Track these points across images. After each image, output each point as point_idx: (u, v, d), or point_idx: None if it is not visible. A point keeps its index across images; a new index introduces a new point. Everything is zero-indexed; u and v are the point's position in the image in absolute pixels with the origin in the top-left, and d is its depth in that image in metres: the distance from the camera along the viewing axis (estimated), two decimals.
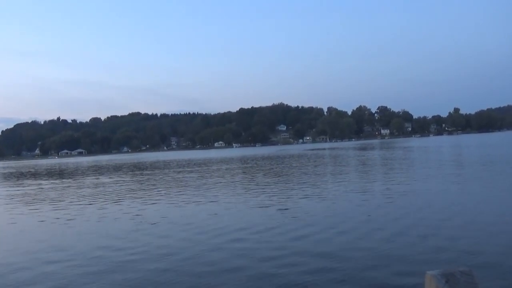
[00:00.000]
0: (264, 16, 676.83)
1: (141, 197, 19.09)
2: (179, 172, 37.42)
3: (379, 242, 8.71)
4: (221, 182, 24.54)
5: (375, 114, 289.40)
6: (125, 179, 32.43)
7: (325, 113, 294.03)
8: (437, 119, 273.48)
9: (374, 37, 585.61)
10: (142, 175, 35.86)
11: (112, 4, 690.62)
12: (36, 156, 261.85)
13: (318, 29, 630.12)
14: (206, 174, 32.17)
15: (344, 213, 12.33)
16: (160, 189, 22.44)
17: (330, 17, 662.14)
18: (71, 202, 18.86)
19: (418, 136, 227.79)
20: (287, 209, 13.51)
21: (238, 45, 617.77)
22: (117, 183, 28.16)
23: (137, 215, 14.04)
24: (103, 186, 26.32)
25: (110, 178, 34.89)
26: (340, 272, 6.95)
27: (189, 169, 40.46)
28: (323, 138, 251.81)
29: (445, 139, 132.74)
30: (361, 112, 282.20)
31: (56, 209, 16.55)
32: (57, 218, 14.29)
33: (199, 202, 16.27)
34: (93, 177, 37.12)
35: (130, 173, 40.98)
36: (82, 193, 22.73)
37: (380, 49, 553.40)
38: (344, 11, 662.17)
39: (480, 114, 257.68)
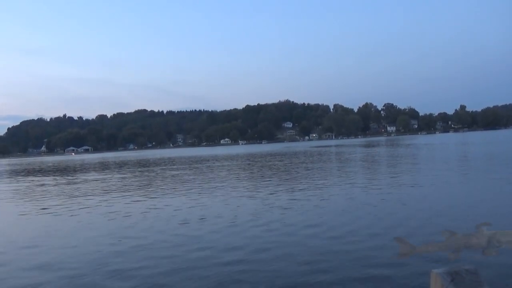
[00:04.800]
0: (270, 13, 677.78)
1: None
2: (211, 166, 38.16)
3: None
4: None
5: (381, 111, 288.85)
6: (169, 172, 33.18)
7: (331, 110, 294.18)
8: (443, 116, 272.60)
9: (380, 33, 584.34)
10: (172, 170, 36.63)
11: (117, 1, 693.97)
12: (42, 153, 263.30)
13: (323, 26, 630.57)
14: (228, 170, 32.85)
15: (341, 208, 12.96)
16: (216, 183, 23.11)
17: (335, 14, 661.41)
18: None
19: (424, 133, 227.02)
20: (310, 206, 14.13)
21: (244, 42, 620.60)
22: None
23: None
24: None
25: (175, 171, 35.64)
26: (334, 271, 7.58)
27: (208, 164, 41.26)
28: (329, 135, 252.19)
29: (451, 136, 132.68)
30: (367, 109, 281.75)
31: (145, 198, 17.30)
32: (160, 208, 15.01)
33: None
34: (159, 171, 37.94)
35: (158, 168, 41.79)
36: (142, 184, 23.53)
37: (386, 46, 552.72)
38: (349, 7, 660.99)
39: (486, 112, 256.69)
